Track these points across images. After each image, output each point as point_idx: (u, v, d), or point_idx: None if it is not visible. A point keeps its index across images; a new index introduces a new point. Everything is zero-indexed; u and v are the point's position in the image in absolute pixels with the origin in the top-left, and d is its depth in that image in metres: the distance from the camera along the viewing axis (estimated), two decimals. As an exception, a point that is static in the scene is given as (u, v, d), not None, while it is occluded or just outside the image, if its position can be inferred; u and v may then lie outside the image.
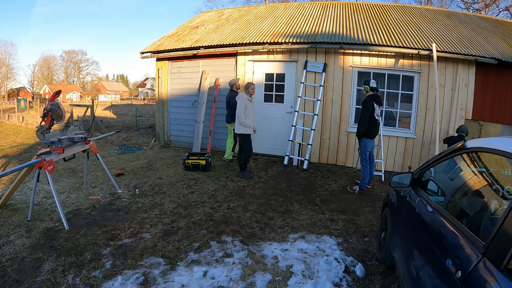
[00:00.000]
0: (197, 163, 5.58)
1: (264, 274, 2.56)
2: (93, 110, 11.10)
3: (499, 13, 18.07)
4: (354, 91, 6.28)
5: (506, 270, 1.07)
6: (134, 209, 3.85)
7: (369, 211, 4.01)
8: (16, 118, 14.32)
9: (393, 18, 7.48)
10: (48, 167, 3.30)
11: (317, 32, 6.60)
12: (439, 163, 2.16)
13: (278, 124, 6.80)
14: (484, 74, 5.95)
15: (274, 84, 6.79)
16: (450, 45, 6.00)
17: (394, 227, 2.42)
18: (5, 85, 49.99)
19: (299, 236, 3.26)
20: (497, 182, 1.62)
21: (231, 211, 3.88)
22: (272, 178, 5.37)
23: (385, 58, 6.11)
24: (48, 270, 2.51)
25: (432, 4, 20.08)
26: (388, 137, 6.22)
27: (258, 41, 6.46)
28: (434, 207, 1.84)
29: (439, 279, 1.43)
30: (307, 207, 4.09)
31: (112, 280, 2.41)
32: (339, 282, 2.47)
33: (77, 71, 65.37)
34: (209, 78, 7.21)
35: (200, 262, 2.71)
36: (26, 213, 3.54)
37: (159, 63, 7.93)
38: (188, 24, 9.25)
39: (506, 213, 1.18)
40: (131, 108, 23.75)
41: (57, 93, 4.10)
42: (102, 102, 40.57)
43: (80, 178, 4.91)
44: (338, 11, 7.97)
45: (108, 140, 8.72)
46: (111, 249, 2.86)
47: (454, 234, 1.48)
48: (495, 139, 1.62)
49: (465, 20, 7.93)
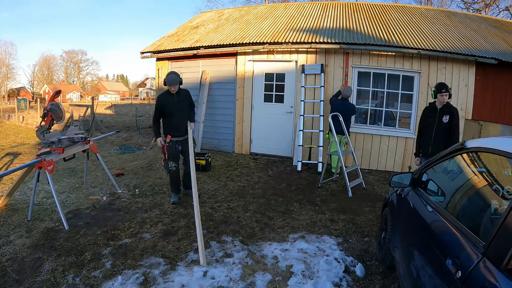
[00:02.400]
0: (197, 163, 5.57)
1: (264, 274, 2.56)
2: (93, 110, 11.10)
3: (499, 13, 18.08)
4: (354, 91, 6.28)
5: (506, 270, 1.07)
6: (134, 209, 3.84)
7: (369, 211, 4.01)
8: (16, 118, 14.32)
9: (393, 18, 7.48)
10: (48, 167, 3.30)
11: (317, 32, 6.60)
12: (439, 163, 2.16)
13: (278, 124, 6.80)
14: (484, 74, 5.95)
15: (274, 84, 6.79)
16: (450, 45, 6.00)
17: (394, 227, 2.42)
18: (5, 85, 50.00)
19: (299, 236, 3.26)
20: (497, 182, 1.62)
21: (231, 211, 3.88)
22: (272, 178, 5.37)
23: (385, 58, 6.11)
24: (48, 270, 2.51)
25: (432, 4, 20.08)
26: (388, 137, 6.22)
27: (258, 41, 6.46)
28: (434, 207, 1.84)
29: (439, 279, 1.43)
30: (307, 207, 4.09)
31: (112, 280, 2.41)
32: (339, 282, 2.47)
33: (77, 71, 65.39)
34: (209, 78, 7.21)
35: (200, 262, 2.71)
36: (26, 213, 3.54)
37: (159, 63, 7.93)
38: (188, 24, 9.25)
39: (506, 213, 1.18)
40: (131, 108, 23.74)
41: (57, 93, 4.10)
42: (102, 102, 40.58)
43: (80, 178, 4.91)
44: (338, 11, 7.97)
45: (108, 140, 8.72)
46: (111, 249, 2.86)
47: (454, 234, 1.48)
48: (495, 139, 1.62)
49: (465, 20, 7.93)
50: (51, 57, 61.92)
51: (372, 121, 6.42)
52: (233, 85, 7.04)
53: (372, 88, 6.32)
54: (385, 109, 6.33)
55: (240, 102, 6.99)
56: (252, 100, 6.92)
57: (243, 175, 5.48)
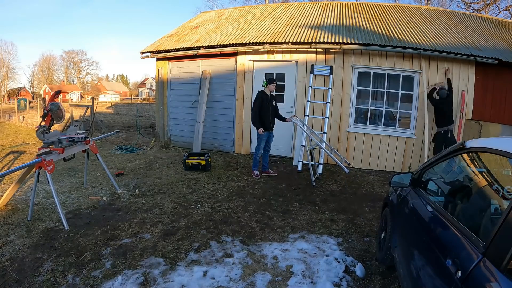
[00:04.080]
0: (197, 163, 5.58)
1: (264, 274, 2.56)
2: (93, 110, 11.09)
3: (499, 13, 18.09)
4: (354, 91, 6.28)
5: (506, 270, 1.07)
6: (134, 209, 3.85)
7: (369, 211, 4.01)
8: (16, 118, 14.32)
9: (393, 18, 7.48)
10: (48, 167, 3.30)
11: (317, 32, 6.60)
12: (439, 163, 2.16)
13: (278, 124, 6.78)
14: (484, 74, 5.95)
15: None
16: (450, 45, 6.00)
17: (394, 227, 2.41)
18: (5, 85, 50.01)
19: (299, 236, 3.26)
20: (497, 182, 1.62)
21: (231, 211, 3.88)
22: (272, 178, 5.37)
23: (385, 58, 6.11)
24: (48, 270, 2.51)
25: (432, 4, 20.08)
26: (388, 137, 6.22)
27: (258, 41, 6.47)
28: (434, 207, 1.84)
29: (439, 279, 1.43)
30: (307, 207, 4.09)
31: (112, 280, 2.41)
32: (339, 282, 2.47)
33: (77, 71, 65.42)
34: (209, 78, 7.21)
35: (200, 262, 2.71)
36: (26, 213, 3.54)
37: (159, 63, 7.93)
38: (188, 24, 9.25)
39: (506, 213, 1.18)
40: (131, 108, 23.74)
41: (56, 93, 4.09)
42: (102, 102, 40.57)
43: (80, 178, 4.91)
44: (338, 11, 7.98)
45: (108, 140, 8.72)
46: (111, 249, 2.86)
47: (454, 234, 1.48)
48: (495, 139, 1.62)
49: (465, 20, 7.93)
50: (51, 57, 62.09)
51: (372, 121, 6.42)
52: (233, 85, 7.04)
53: (372, 88, 6.32)
54: (385, 109, 6.33)
55: (240, 102, 6.99)
56: (252, 100, 6.91)
57: (243, 175, 5.48)
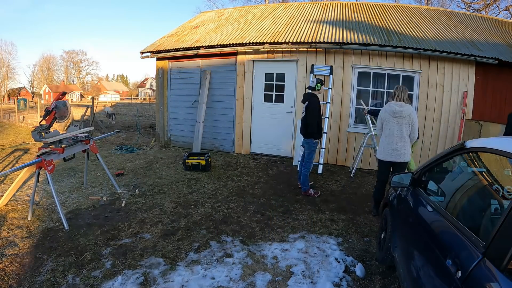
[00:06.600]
0: (197, 163, 5.58)
1: (264, 274, 2.56)
2: (93, 110, 11.09)
3: (499, 13, 18.08)
4: (354, 91, 6.28)
5: (506, 270, 1.07)
6: (134, 209, 3.84)
7: (369, 211, 4.01)
8: (16, 118, 14.31)
9: (393, 18, 7.48)
10: (48, 167, 3.30)
11: (317, 32, 6.60)
12: (439, 163, 2.16)
13: (278, 124, 6.80)
14: (484, 74, 5.95)
15: (274, 84, 6.79)
16: (450, 45, 6.00)
17: (394, 227, 2.41)
18: (5, 85, 50.00)
19: (299, 236, 3.26)
20: (497, 182, 1.62)
21: (231, 211, 3.88)
22: (272, 178, 5.37)
23: (385, 58, 6.11)
24: (48, 270, 2.51)
25: (432, 4, 20.08)
26: (388, 137, 6.20)
27: (258, 41, 6.47)
28: (434, 207, 1.84)
29: (439, 279, 1.43)
30: (307, 207, 4.09)
31: (112, 280, 2.41)
32: (339, 282, 2.47)
33: (77, 71, 65.43)
34: (208, 78, 7.21)
35: (200, 262, 2.71)
36: (26, 213, 3.54)
37: (159, 63, 7.93)
38: (188, 24, 9.25)
39: (506, 213, 1.18)
40: (131, 108, 23.74)
41: (62, 94, 4.05)
42: (102, 102, 40.56)
43: (80, 178, 4.91)
44: (338, 11, 7.98)
45: (108, 140, 8.72)
46: (111, 249, 2.86)
47: (454, 234, 1.48)
48: (495, 139, 1.62)
49: (465, 20, 7.93)
50: (51, 57, 62.06)
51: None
52: (233, 85, 7.04)
53: (372, 88, 6.32)
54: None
55: (240, 102, 6.99)
56: (252, 100, 6.92)
57: (243, 175, 5.48)
